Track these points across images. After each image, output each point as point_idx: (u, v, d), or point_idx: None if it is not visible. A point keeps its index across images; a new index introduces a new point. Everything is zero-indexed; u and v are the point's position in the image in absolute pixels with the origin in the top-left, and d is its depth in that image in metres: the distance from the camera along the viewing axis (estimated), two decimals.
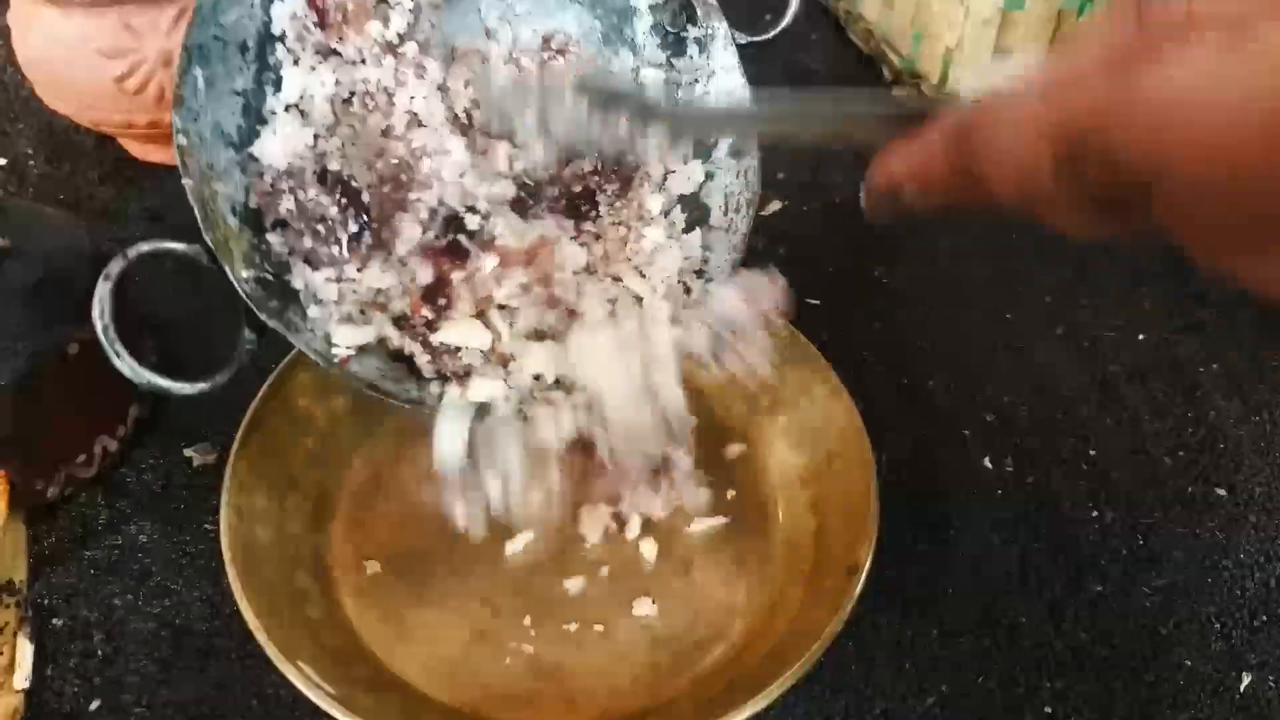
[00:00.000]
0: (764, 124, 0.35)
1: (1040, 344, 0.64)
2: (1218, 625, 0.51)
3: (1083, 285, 0.68)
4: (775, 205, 0.73)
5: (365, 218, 0.47)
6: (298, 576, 0.47)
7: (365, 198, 0.47)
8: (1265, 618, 0.51)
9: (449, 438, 0.46)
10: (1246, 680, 0.49)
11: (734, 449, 0.55)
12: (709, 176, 0.56)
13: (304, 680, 0.40)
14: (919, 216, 0.30)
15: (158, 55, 0.63)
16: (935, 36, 0.80)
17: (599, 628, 0.48)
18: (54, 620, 0.48)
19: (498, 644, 0.47)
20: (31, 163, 0.73)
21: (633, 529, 0.51)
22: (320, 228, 0.47)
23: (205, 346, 0.58)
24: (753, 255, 0.68)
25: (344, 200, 0.47)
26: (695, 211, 0.55)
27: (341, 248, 0.46)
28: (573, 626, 0.48)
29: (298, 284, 0.47)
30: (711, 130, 0.44)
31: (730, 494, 0.53)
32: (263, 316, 0.45)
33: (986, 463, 0.57)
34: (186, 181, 0.44)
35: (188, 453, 0.55)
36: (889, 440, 0.56)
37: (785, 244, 0.70)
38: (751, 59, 0.74)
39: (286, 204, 0.46)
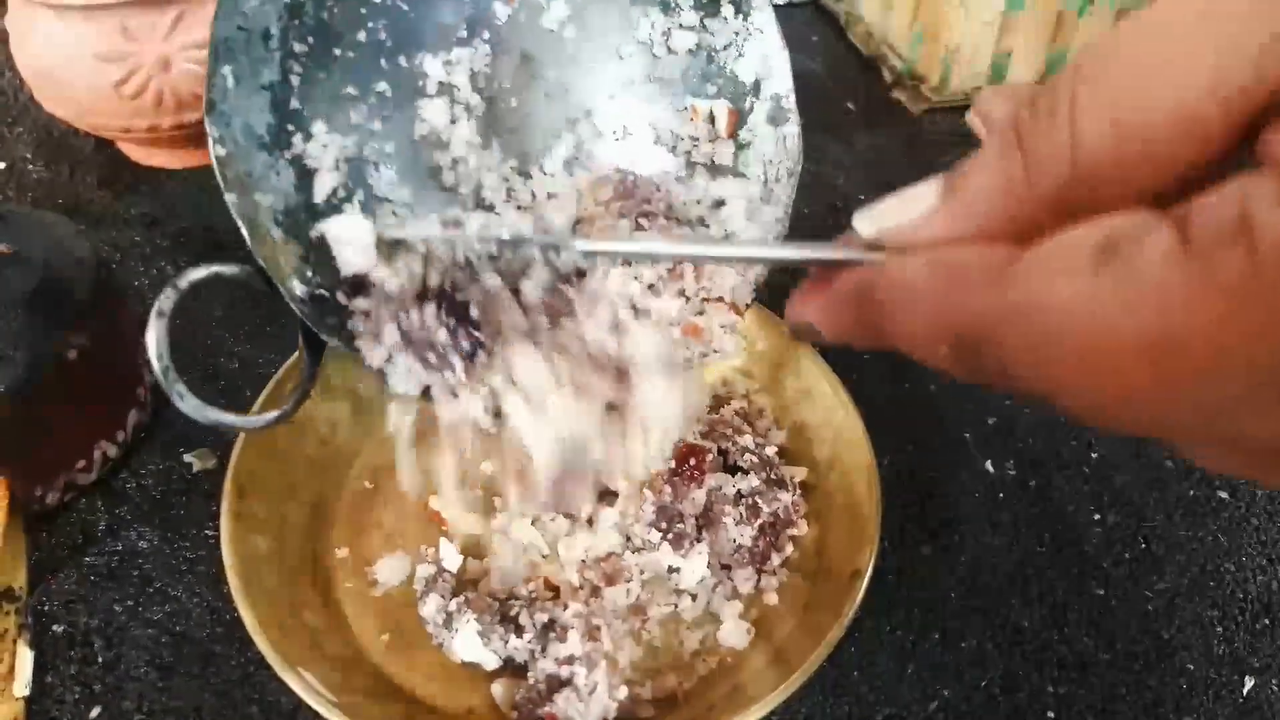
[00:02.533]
0: (682, 259, 0.36)
1: None
2: (1220, 629, 0.50)
3: None
4: None
5: (478, 335, 0.43)
6: (298, 583, 0.47)
7: (474, 313, 0.44)
8: (1268, 621, 0.51)
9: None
10: (1249, 684, 0.48)
11: None
12: (744, 146, 0.54)
13: (305, 687, 0.40)
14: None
15: (156, 60, 0.63)
16: (935, 38, 0.80)
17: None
18: (54, 627, 0.48)
19: None
20: (30, 167, 0.73)
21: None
22: (431, 355, 0.43)
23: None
24: None
25: (453, 321, 0.43)
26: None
27: (456, 371, 0.43)
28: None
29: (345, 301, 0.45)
30: (626, 259, 0.44)
31: None
32: (322, 335, 0.43)
33: (988, 466, 0.57)
34: (230, 197, 0.41)
35: (187, 459, 0.54)
36: (890, 444, 0.56)
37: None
38: None
39: (390, 337, 0.43)
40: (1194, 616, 0.51)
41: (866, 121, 0.82)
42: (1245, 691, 0.48)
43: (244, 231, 0.42)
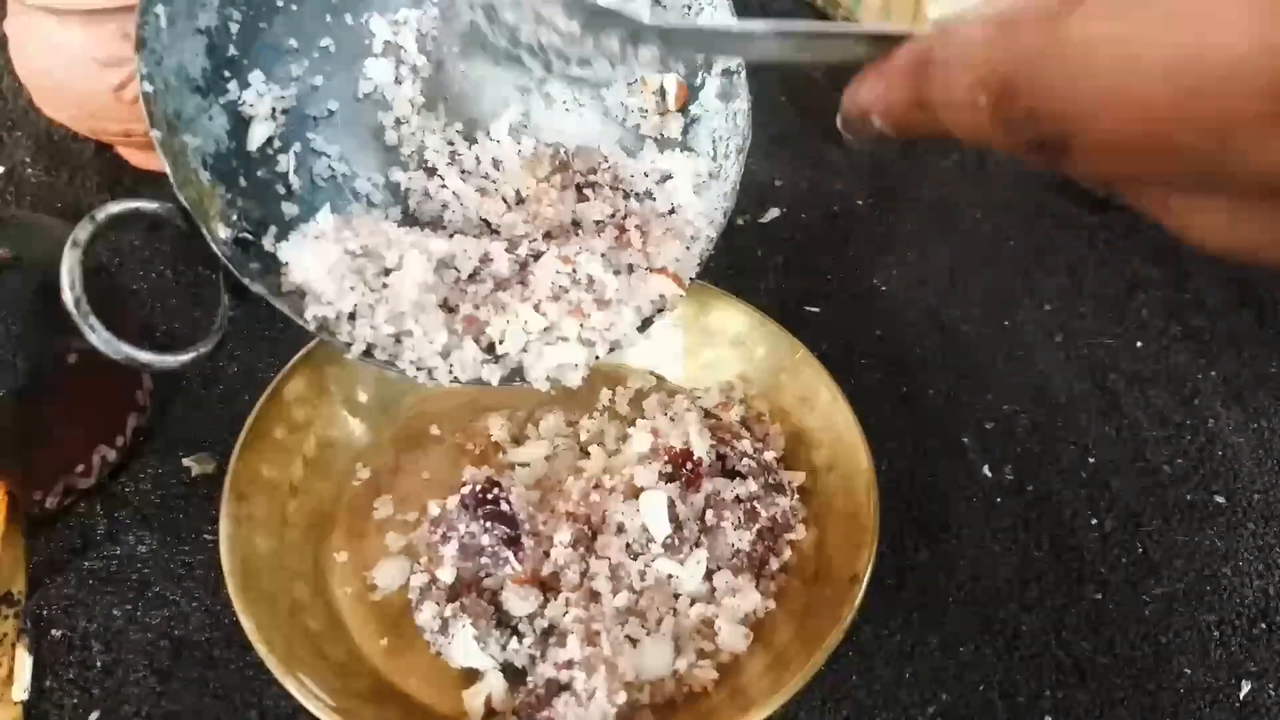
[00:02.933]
0: (751, 45, 0.36)
1: (1039, 352, 0.64)
2: (1217, 633, 0.51)
3: (1081, 293, 0.68)
4: (774, 213, 0.73)
5: (520, 535, 0.46)
6: (296, 587, 0.47)
7: (521, 516, 0.46)
8: (1265, 625, 0.51)
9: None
10: (1246, 688, 0.49)
11: None
12: (694, 120, 0.55)
13: (304, 692, 0.40)
14: (891, 143, 0.31)
15: None
16: None
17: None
18: (53, 631, 0.48)
19: None
20: (30, 171, 0.73)
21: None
22: (485, 559, 0.46)
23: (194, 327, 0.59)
24: (753, 263, 0.68)
25: (499, 529, 0.46)
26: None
27: (512, 565, 0.45)
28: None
29: (271, 248, 0.46)
30: (702, 50, 0.44)
31: None
32: (244, 279, 0.44)
33: (986, 471, 0.57)
34: (154, 133, 0.43)
35: (186, 463, 0.54)
36: (888, 449, 0.56)
37: (784, 252, 0.70)
38: (749, 66, 0.74)
39: (450, 550, 0.46)
40: (1191, 621, 0.51)
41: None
42: (1242, 696, 0.48)
43: (168, 169, 0.43)
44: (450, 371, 0.47)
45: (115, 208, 0.42)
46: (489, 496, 0.47)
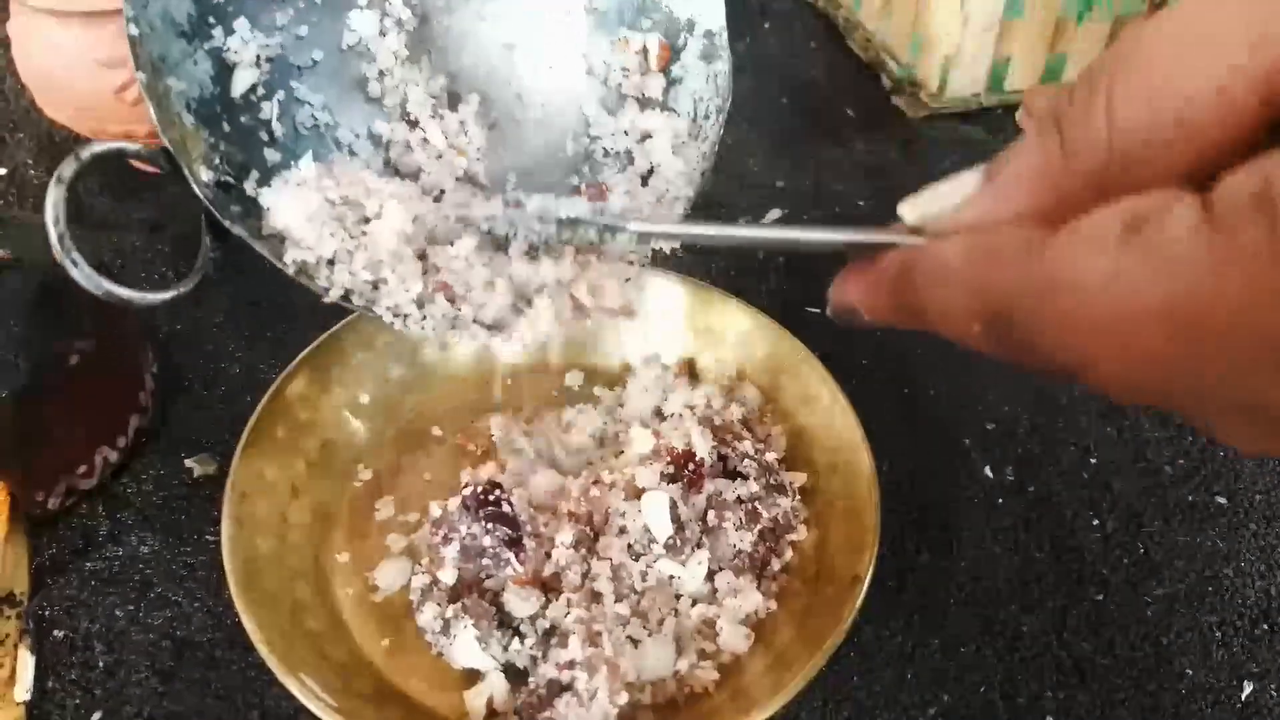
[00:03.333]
0: (730, 242, 0.38)
1: None
2: (1219, 634, 0.51)
3: None
4: (775, 214, 0.73)
5: (522, 536, 0.46)
6: (298, 587, 0.47)
7: (522, 517, 0.47)
8: (1266, 626, 0.51)
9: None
10: (1248, 689, 0.49)
11: None
12: (675, 81, 0.55)
13: (305, 692, 0.40)
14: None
15: None
16: (934, 44, 0.80)
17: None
18: (55, 632, 0.48)
19: None
20: (31, 172, 0.73)
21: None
22: (487, 560, 0.46)
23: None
24: (754, 264, 0.68)
25: (500, 530, 0.46)
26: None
27: (513, 566, 0.46)
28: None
29: (253, 193, 0.46)
30: (677, 241, 0.45)
31: None
32: (225, 223, 0.44)
33: (987, 471, 0.57)
34: (139, 75, 0.43)
35: (188, 463, 0.54)
36: (890, 449, 0.56)
37: (786, 253, 0.70)
38: (750, 70, 0.75)
39: (451, 551, 0.46)
40: (1193, 622, 0.51)
41: (865, 128, 0.82)
42: (1244, 697, 0.48)
43: (151, 111, 0.43)
44: (423, 323, 0.47)
45: (99, 147, 0.43)
46: (490, 498, 0.47)
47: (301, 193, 0.46)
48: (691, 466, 0.48)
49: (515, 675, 0.45)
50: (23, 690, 0.45)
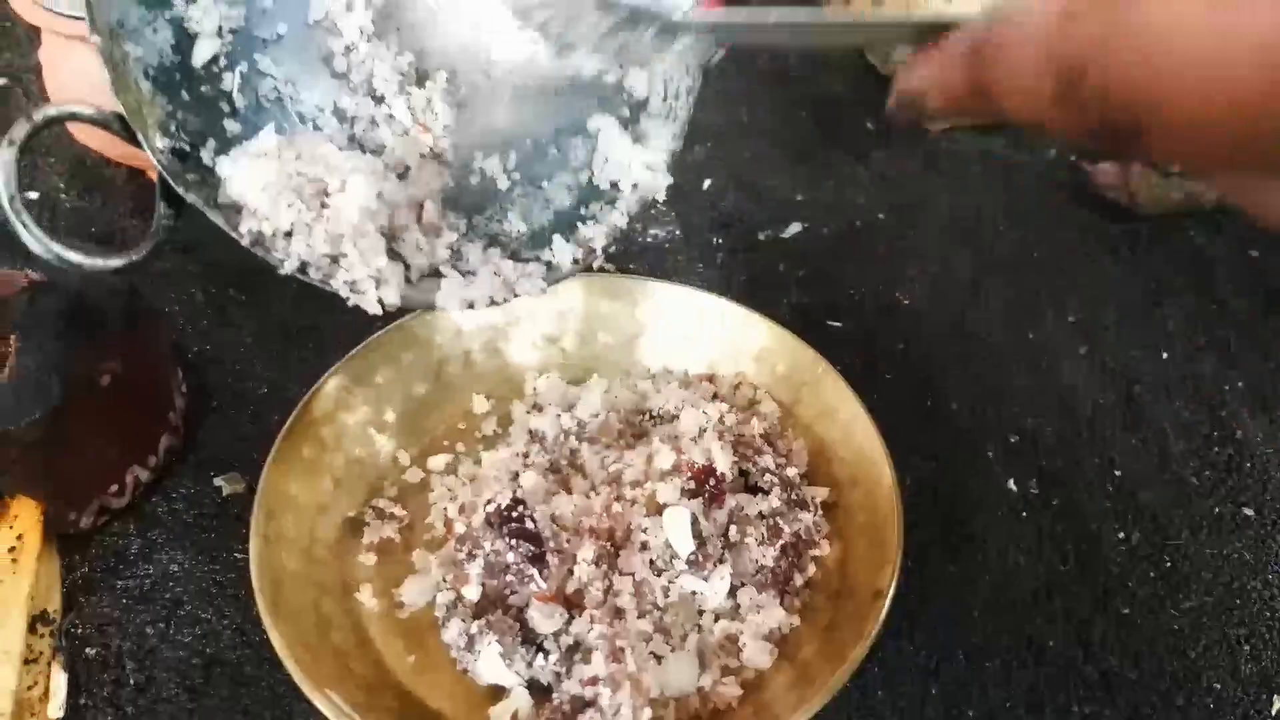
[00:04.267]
0: (795, 34, 0.36)
1: (1063, 364, 0.64)
2: (1247, 647, 0.50)
3: (1105, 304, 0.68)
4: (795, 228, 0.73)
5: (545, 553, 0.46)
6: (325, 604, 0.47)
7: (545, 533, 0.47)
8: None
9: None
10: (1278, 704, 0.48)
11: None
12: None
13: (332, 708, 0.41)
14: (937, 120, 0.31)
15: None
16: None
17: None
18: (87, 650, 0.49)
19: None
20: (63, 196, 0.74)
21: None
22: (511, 577, 0.46)
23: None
24: (775, 278, 0.69)
25: (524, 546, 0.46)
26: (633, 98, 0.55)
27: (537, 582, 0.46)
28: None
29: (210, 162, 0.47)
30: (738, 39, 0.43)
31: None
32: (179, 189, 0.45)
33: (1011, 484, 0.57)
34: (94, 39, 0.43)
35: (217, 482, 0.55)
36: (912, 462, 0.56)
37: (805, 267, 0.70)
38: (769, 84, 0.75)
39: (476, 568, 0.46)
40: (1220, 635, 0.51)
41: (885, 141, 0.82)
42: (1274, 711, 0.48)
43: (107, 75, 0.44)
44: (379, 298, 0.48)
45: (52, 110, 0.44)
46: (514, 514, 0.47)
47: (260, 163, 0.46)
48: (713, 482, 0.49)
49: (539, 691, 0.45)
50: (56, 707, 0.46)
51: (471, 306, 0.51)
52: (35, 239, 0.42)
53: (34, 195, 0.74)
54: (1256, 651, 0.50)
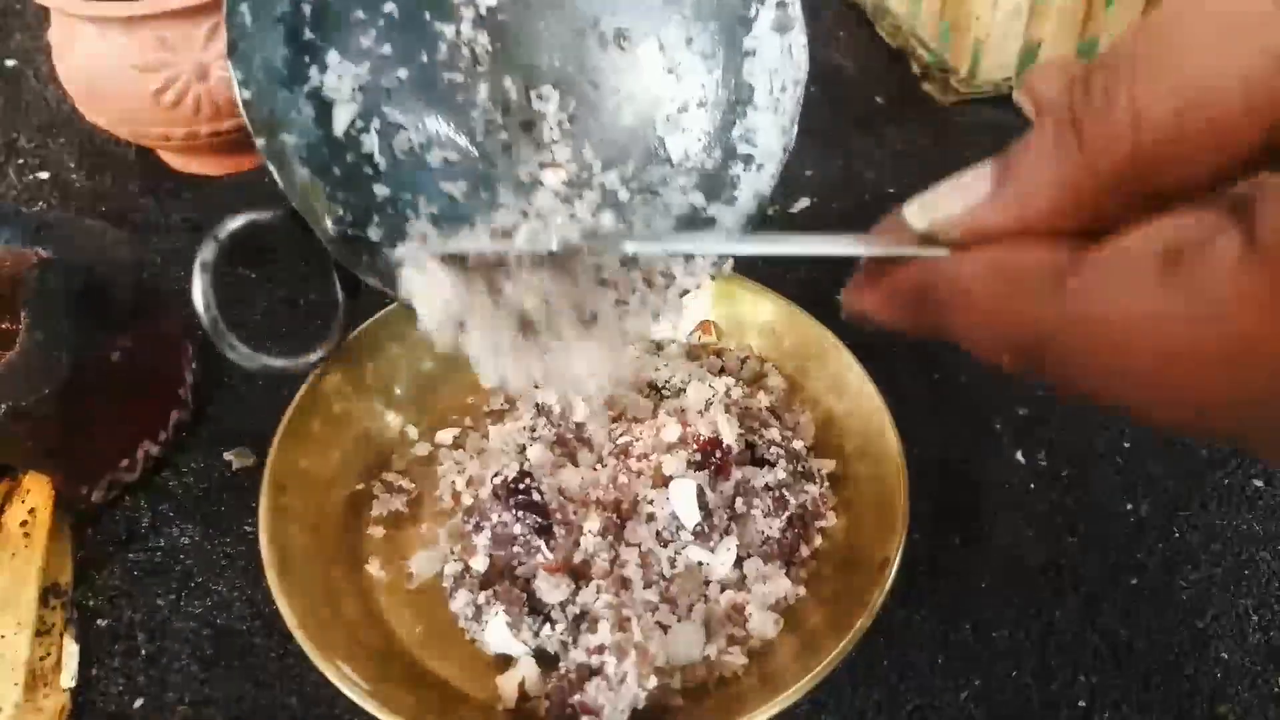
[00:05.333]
0: (731, 252, 0.36)
1: None
2: (1255, 618, 0.50)
3: None
4: (804, 202, 0.73)
5: (551, 524, 0.47)
6: (334, 575, 0.48)
7: (552, 506, 0.47)
8: None
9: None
10: None
11: None
12: (750, 54, 0.54)
13: (342, 678, 0.41)
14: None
15: (193, 69, 0.64)
16: (964, 29, 0.79)
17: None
18: (99, 621, 0.49)
19: None
20: (73, 175, 0.75)
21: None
22: (518, 548, 0.47)
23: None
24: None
25: (531, 518, 0.47)
26: (739, 92, 0.54)
27: (543, 553, 0.46)
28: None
29: (377, 238, 0.46)
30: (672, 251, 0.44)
31: None
32: (360, 274, 0.45)
33: (1019, 456, 0.57)
34: (259, 142, 0.42)
35: (227, 456, 0.56)
36: (920, 434, 0.55)
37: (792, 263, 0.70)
38: None
39: (483, 539, 0.47)
40: (1229, 606, 0.50)
41: (896, 114, 0.82)
42: None
43: (275, 174, 0.43)
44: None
45: (233, 224, 0.43)
46: (521, 487, 0.47)
47: (434, 281, 0.46)
48: (719, 454, 0.49)
49: (546, 660, 0.45)
50: (68, 677, 0.46)
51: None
52: (241, 357, 0.43)
53: (44, 175, 0.75)
54: (1265, 622, 0.50)
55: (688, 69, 0.54)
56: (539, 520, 0.46)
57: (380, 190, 0.48)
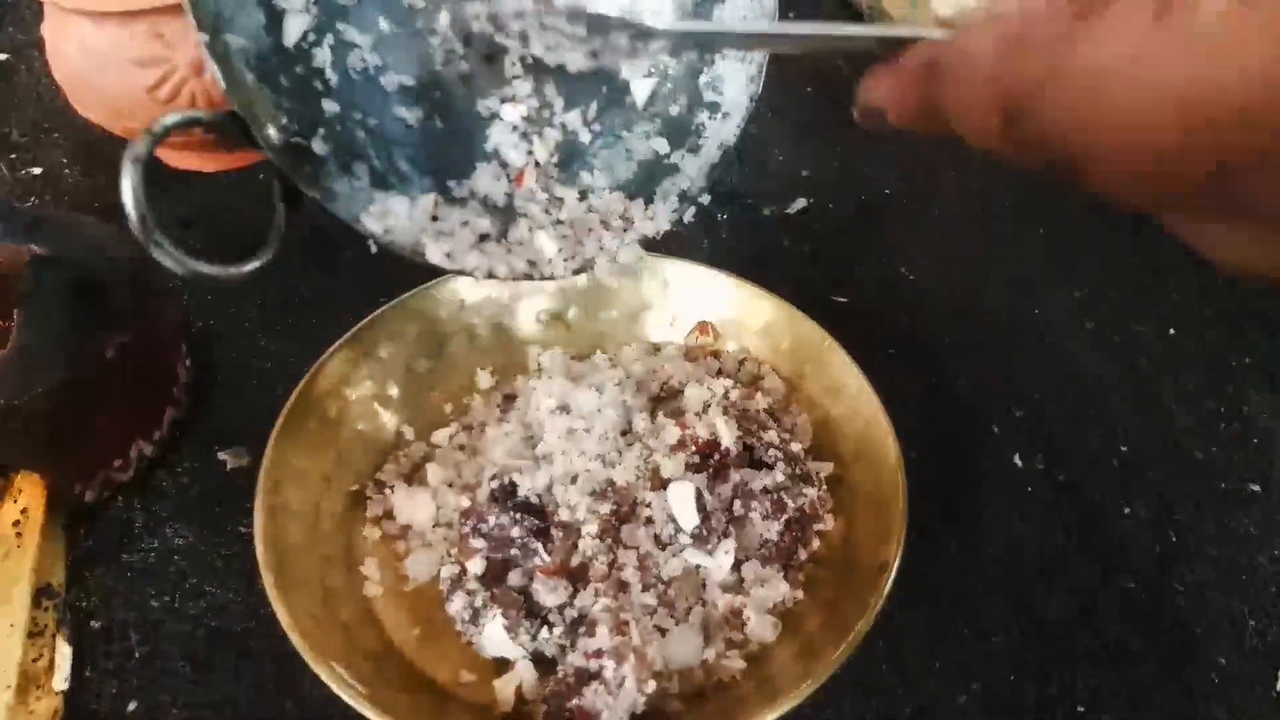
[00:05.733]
0: (764, 43, 0.36)
1: (1069, 339, 0.63)
2: (1252, 622, 0.50)
3: (1111, 279, 0.67)
4: (801, 203, 0.72)
5: (549, 527, 0.47)
6: (330, 577, 0.48)
7: (549, 507, 0.47)
8: None
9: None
10: None
11: None
12: (720, 1, 0.54)
13: (337, 681, 0.41)
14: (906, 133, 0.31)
15: (189, 64, 0.64)
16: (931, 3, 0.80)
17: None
18: (92, 622, 0.49)
19: None
20: (67, 171, 0.74)
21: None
22: (515, 551, 0.46)
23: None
24: (778, 253, 0.68)
25: (528, 520, 0.47)
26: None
27: (541, 556, 0.46)
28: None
29: (321, 152, 0.46)
30: (710, 45, 0.44)
31: None
32: (300, 185, 0.44)
33: (1016, 459, 0.57)
34: (201, 37, 0.42)
35: (221, 456, 0.55)
36: (917, 437, 0.55)
37: (811, 242, 0.70)
38: (773, 58, 0.74)
39: (480, 542, 0.46)
40: (1225, 609, 0.51)
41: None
42: (1279, 685, 0.48)
43: (218, 75, 0.43)
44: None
45: (170, 119, 0.42)
46: (518, 488, 0.47)
47: (414, 220, 0.48)
48: (717, 457, 0.49)
49: (544, 664, 0.45)
50: (61, 679, 0.46)
51: (579, 272, 0.52)
52: (172, 258, 0.42)
53: (37, 170, 0.74)
54: (1261, 626, 0.50)
55: (656, 13, 0.54)
56: (536, 523, 0.46)
57: (329, 106, 0.48)
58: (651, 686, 0.42)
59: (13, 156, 0.76)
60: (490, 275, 0.49)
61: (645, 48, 0.39)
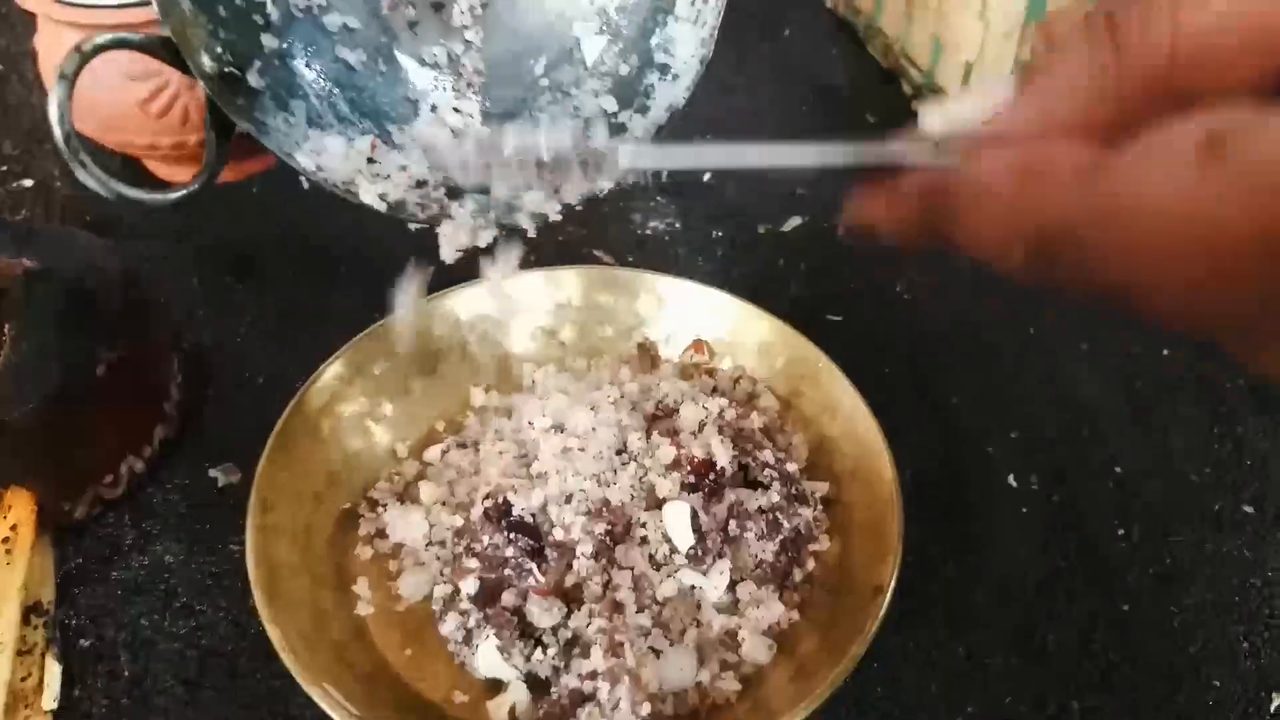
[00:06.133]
0: (735, 164, 0.36)
1: (1066, 360, 0.63)
2: (1247, 644, 0.50)
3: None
4: (795, 221, 0.73)
5: (543, 547, 0.46)
6: (321, 597, 0.47)
7: (543, 527, 0.46)
8: None
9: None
10: (1277, 701, 0.48)
11: None
12: None
13: (329, 701, 0.40)
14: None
15: (182, 78, 0.64)
16: (955, 49, 0.79)
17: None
18: (81, 641, 0.48)
19: None
20: (58, 184, 0.74)
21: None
22: (509, 571, 0.46)
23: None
24: (774, 272, 0.68)
25: (522, 540, 0.46)
26: (660, 2, 0.54)
27: (535, 576, 0.46)
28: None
29: (256, 85, 0.46)
30: (671, 166, 0.44)
31: None
32: (230, 115, 0.44)
33: (1011, 480, 0.57)
34: None
35: (213, 473, 0.55)
36: (913, 458, 0.55)
37: (806, 261, 0.70)
38: (770, 76, 0.74)
39: (473, 562, 0.46)
40: (1220, 632, 0.50)
41: (887, 134, 0.82)
42: (1273, 708, 0.48)
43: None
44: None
45: (100, 39, 0.43)
46: (512, 508, 0.47)
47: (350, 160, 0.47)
48: (712, 476, 0.48)
49: (537, 685, 0.45)
50: (50, 699, 0.46)
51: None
52: (94, 177, 0.41)
53: (29, 183, 0.74)
54: (1256, 648, 0.50)
55: None
56: (530, 542, 0.46)
57: (269, 42, 0.47)
58: (646, 709, 0.42)
59: (4, 169, 0.75)
60: (422, 223, 0.49)
61: (598, 172, 0.38)
